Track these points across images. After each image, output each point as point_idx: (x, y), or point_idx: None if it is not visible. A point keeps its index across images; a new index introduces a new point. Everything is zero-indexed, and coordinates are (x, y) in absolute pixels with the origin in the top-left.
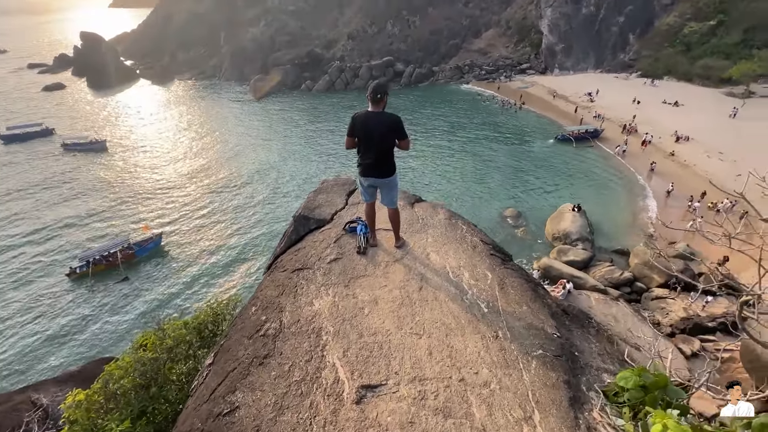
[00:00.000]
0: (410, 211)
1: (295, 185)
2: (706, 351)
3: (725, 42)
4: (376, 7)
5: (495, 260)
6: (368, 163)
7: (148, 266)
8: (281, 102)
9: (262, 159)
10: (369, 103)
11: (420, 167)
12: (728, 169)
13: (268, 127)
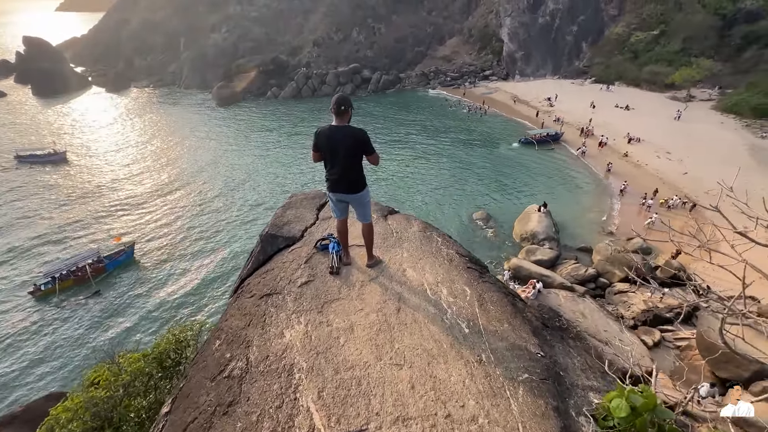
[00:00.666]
0: (384, 224)
1: (265, 195)
2: (666, 341)
3: (667, 50)
4: (341, 15)
5: (472, 274)
6: (335, 179)
7: (120, 279)
8: (247, 109)
9: (230, 168)
10: (333, 116)
11: (389, 173)
12: (676, 167)
13: (235, 135)
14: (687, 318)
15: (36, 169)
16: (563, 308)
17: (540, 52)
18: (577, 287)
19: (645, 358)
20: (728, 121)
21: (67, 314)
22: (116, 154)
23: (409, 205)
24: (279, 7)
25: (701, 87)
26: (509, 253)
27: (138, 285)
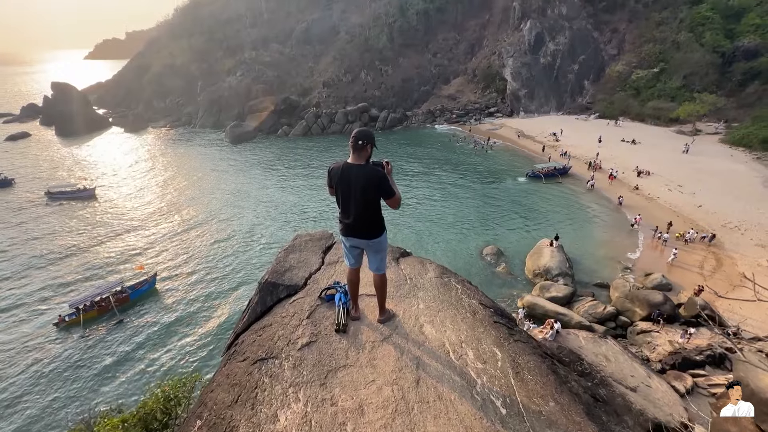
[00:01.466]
0: (396, 268)
1: (280, 233)
2: (699, 387)
3: (669, 86)
4: (350, 58)
5: (500, 331)
6: (348, 223)
7: (142, 308)
8: (259, 146)
9: (246, 204)
10: (350, 151)
11: (392, 212)
12: (689, 200)
13: (248, 171)
14: (720, 361)
15: (66, 205)
16: (584, 350)
17: (543, 90)
18: (596, 326)
19: (677, 407)
20: (738, 153)
21: (88, 344)
22: (139, 189)
23: (418, 241)
24: (291, 53)
25: (706, 121)
26: (522, 289)
27: (158, 317)
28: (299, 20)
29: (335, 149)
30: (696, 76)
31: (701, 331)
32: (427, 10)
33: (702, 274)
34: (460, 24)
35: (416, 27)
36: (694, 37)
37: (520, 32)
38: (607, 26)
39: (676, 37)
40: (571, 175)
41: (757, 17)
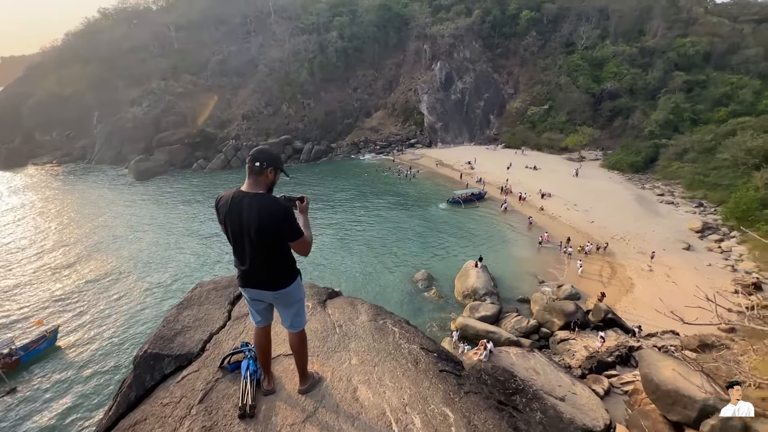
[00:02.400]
0: (322, 315)
1: (186, 277)
2: (614, 387)
3: (557, 120)
4: (270, 91)
5: (448, 381)
6: (244, 270)
7: (41, 372)
8: (170, 182)
9: (152, 246)
10: (246, 176)
11: (324, 243)
12: (583, 217)
13: (155, 209)
14: (627, 360)
15: None
16: (516, 367)
17: (456, 123)
18: (523, 340)
19: (600, 409)
20: (614, 176)
21: None
22: (23, 238)
23: (348, 274)
24: (207, 84)
25: (588, 149)
26: (453, 311)
27: (60, 381)
28: (215, 52)
29: None
30: (576, 113)
31: (608, 334)
32: (346, 49)
33: (602, 281)
34: (377, 62)
35: (336, 64)
36: (571, 81)
37: (432, 71)
38: (504, 69)
39: (557, 80)
40: (487, 199)
41: (614, 66)
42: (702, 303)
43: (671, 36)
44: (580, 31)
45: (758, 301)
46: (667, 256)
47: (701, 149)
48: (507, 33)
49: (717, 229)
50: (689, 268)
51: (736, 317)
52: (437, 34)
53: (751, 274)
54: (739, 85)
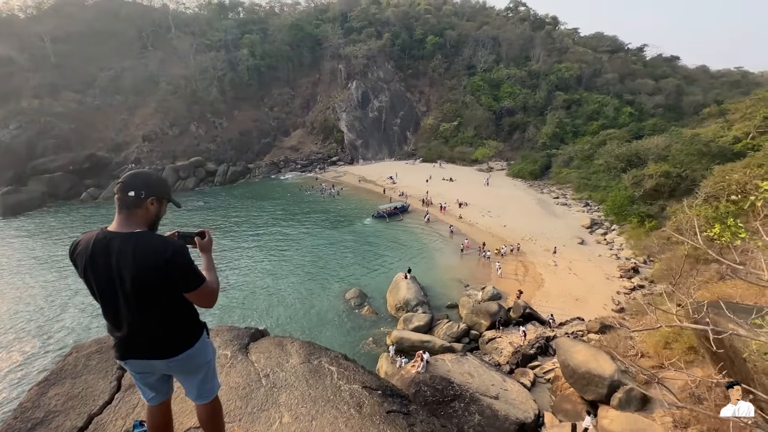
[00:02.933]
0: (244, 364)
1: (72, 332)
2: (539, 377)
3: (466, 135)
4: (175, 110)
5: (398, 424)
6: (122, 337)
7: None
8: (50, 217)
9: (37, 300)
10: (117, 210)
11: (246, 271)
12: (497, 222)
13: (29, 250)
14: (545, 350)
15: None
16: (452, 373)
17: (375, 139)
18: (455, 345)
19: (529, 401)
20: (519, 183)
21: None
22: None
23: (276, 302)
24: (94, 102)
25: (495, 160)
26: (388, 325)
27: None
28: (103, 67)
29: (169, 212)
30: (482, 128)
31: (528, 327)
32: (258, 67)
33: (518, 279)
34: (293, 81)
35: (248, 82)
36: (475, 99)
37: (349, 90)
38: (415, 89)
39: (463, 98)
40: (410, 211)
41: (509, 87)
42: (601, 292)
43: (550, 62)
44: (479, 56)
45: (638, 282)
46: (567, 251)
47: (583, 157)
48: (416, 55)
49: (601, 224)
50: (585, 260)
51: (624, 298)
52: (351, 54)
53: (630, 260)
54: (603, 103)
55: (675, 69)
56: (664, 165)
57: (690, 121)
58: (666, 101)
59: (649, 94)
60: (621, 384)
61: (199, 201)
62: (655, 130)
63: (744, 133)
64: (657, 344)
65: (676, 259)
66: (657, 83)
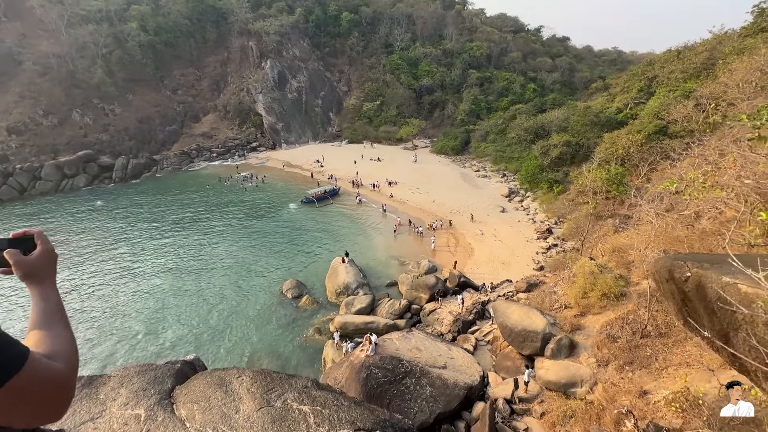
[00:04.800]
0: (171, 426)
1: None
2: (479, 341)
3: (389, 114)
4: (49, 95)
5: None
6: None
7: None
8: None
9: None
10: None
11: (163, 278)
12: (426, 198)
13: None
14: (483, 314)
15: None
16: (401, 351)
17: (297, 122)
18: (398, 322)
19: (474, 365)
20: (443, 159)
21: None
22: None
23: (204, 312)
24: None
25: (418, 138)
26: (330, 312)
27: None
28: None
29: (54, 216)
30: (404, 106)
31: (465, 296)
32: (153, 43)
33: (450, 251)
34: (197, 60)
35: (143, 61)
36: (395, 78)
37: (263, 70)
38: (335, 68)
39: (384, 77)
40: (341, 194)
41: (426, 65)
42: (522, 254)
43: (462, 41)
44: (395, 34)
45: (552, 241)
46: (491, 219)
47: (497, 131)
48: (332, 32)
49: (518, 192)
50: (507, 227)
51: (542, 257)
52: (262, 30)
53: (544, 222)
54: (511, 80)
55: (567, 48)
56: (565, 135)
57: (581, 95)
58: (562, 78)
59: (548, 71)
60: (552, 335)
61: (96, 201)
62: (555, 104)
63: (624, 104)
64: (576, 295)
65: (581, 218)
66: (554, 61)
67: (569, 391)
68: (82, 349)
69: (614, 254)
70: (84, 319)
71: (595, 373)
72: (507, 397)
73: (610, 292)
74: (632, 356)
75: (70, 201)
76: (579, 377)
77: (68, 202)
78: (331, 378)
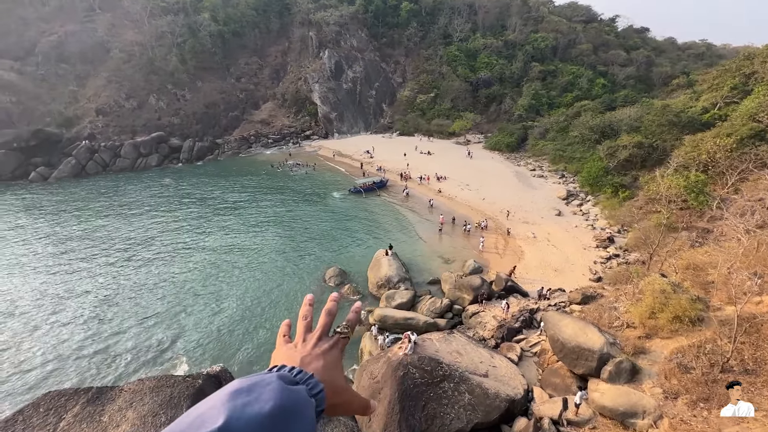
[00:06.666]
0: None
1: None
2: (525, 351)
3: (443, 107)
4: (131, 81)
5: None
6: None
7: None
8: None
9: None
10: None
11: (222, 252)
12: (476, 195)
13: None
14: (530, 322)
15: None
16: (441, 353)
17: (350, 112)
18: (439, 321)
19: (518, 377)
20: (496, 156)
21: None
22: None
23: (248, 293)
24: (38, 72)
25: (472, 133)
26: (370, 303)
27: None
28: (44, 32)
29: (130, 190)
30: (459, 99)
31: (511, 300)
32: (222, 33)
33: (498, 253)
34: (261, 49)
35: (212, 50)
36: (451, 70)
37: (321, 60)
38: (391, 59)
39: (440, 69)
40: (389, 186)
41: (486, 57)
42: (578, 262)
43: (527, 31)
44: (455, 24)
45: (613, 251)
46: (545, 222)
47: (558, 129)
48: (390, 23)
49: (577, 195)
50: (562, 231)
51: (600, 268)
52: (322, 21)
53: (605, 230)
54: (578, 74)
55: (645, 40)
56: (636, 136)
57: (659, 92)
58: (637, 72)
59: (621, 65)
60: (610, 356)
61: (165, 178)
62: (627, 102)
63: (711, 104)
64: (642, 315)
65: (651, 229)
66: (629, 54)
67: (628, 422)
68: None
69: (689, 272)
70: (149, 286)
71: (660, 406)
72: (554, 417)
73: (685, 315)
74: (709, 392)
75: (144, 178)
76: (641, 407)
77: (142, 179)
78: (367, 372)
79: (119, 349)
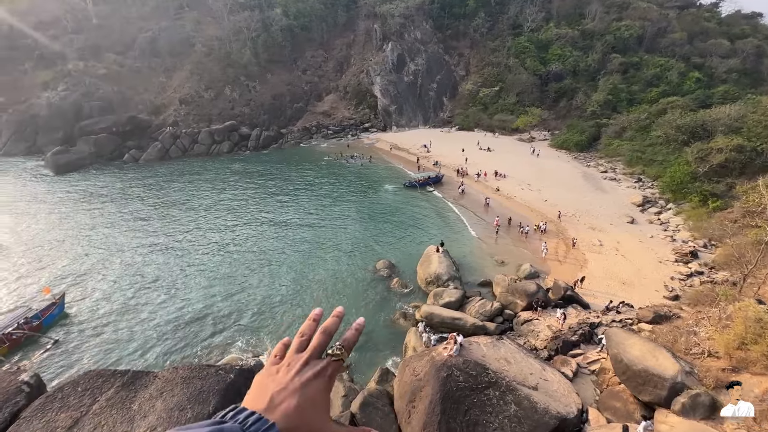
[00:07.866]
0: None
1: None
2: (581, 368)
3: (507, 102)
4: (210, 73)
5: None
6: None
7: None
8: (97, 176)
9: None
10: None
11: (280, 235)
12: (537, 196)
13: (82, 207)
14: (589, 337)
15: None
16: (487, 358)
17: (410, 105)
18: (488, 324)
19: (571, 394)
20: (563, 155)
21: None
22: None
23: (308, 271)
24: (135, 64)
25: (537, 129)
26: (417, 299)
27: (87, 336)
28: (142, 29)
29: (203, 172)
30: (525, 94)
31: (569, 311)
32: (292, 27)
33: (558, 259)
34: (326, 42)
35: (282, 43)
36: (519, 62)
37: (384, 52)
38: (454, 51)
39: (506, 61)
40: (444, 182)
41: (559, 49)
42: (651, 276)
43: (608, 20)
44: (526, 13)
45: (696, 268)
46: (614, 230)
47: (637, 127)
48: (457, 14)
49: (655, 202)
50: (635, 241)
51: (678, 285)
52: (387, 13)
53: (688, 243)
54: (666, 67)
55: (756, 28)
56: (736, 138)
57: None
58: (742, 65)
59: (722, 56)
60: (685, 387)
61: (234, 164)
62: (727, 99)
63: None
64: (729, 344)
65: (747, 246)
66: (733, 44)
67: None
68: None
69: None
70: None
71: None
72: None
73: None
74: None
75: (216, 163)
76: None
77: (215, 163)
78: (410, 367)
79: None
